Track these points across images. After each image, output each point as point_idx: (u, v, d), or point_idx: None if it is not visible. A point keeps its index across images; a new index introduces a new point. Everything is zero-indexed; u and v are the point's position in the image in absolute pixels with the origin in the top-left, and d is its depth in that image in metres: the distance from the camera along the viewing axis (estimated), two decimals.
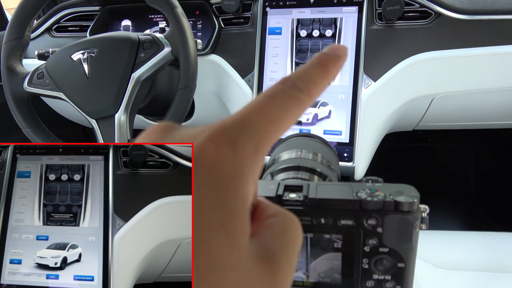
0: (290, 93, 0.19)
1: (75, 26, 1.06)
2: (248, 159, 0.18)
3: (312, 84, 0.20)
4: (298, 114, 0.19)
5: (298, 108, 0.19)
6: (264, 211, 0.21)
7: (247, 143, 0.18)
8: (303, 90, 0.19)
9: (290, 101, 0.19)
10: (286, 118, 0.19)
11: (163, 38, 0.78)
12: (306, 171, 0.39)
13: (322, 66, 0.20)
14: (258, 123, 0.18)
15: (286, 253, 0.19)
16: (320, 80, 0.20)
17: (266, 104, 0.19)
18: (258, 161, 0.18)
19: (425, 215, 0.29)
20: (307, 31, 0.91)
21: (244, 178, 0.17)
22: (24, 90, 0.81)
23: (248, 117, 0.18)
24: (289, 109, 0.19)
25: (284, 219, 0.20)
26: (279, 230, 0.20)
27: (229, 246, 0.16)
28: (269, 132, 0.18)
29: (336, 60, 0.21)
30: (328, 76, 0.21)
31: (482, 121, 1.04)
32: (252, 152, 0.18)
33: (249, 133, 0.18)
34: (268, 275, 0.18)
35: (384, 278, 0.30)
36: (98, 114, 0.76)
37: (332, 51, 0.21)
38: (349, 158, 0.87)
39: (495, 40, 0.81)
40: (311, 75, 0.20)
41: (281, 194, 0.30)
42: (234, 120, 0.18)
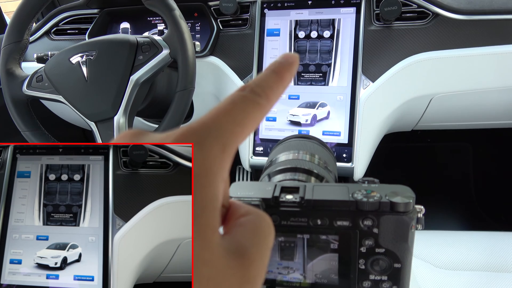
0: (250, 98, 0.21)
1: (74, 29, 1.07)
2: (215, 158, 0.19)
3: (269, 89, 0.21)
4: (259, 117, 0.21)
5: (259, 111, 0.21)
6: (236, 211, 0.22)
7: (214, 144, 0.19)
8: (261, 95, 0.21)
9: (250, 105, 0.20)
10: (249, 121, 0.20)
11: (161, 40, 0.78)
12: (303, 173, 0.39)
13: (276, 73, 0.22)
14: (223, 125, 0.19)
15: (258, 249, 0.20)
16: (276, 85, 0.22)
17: (229, 108, 0.20)
18: (226, 161, 0.19)
19: (420, 216, 0.29)
20: (305, 32, 0.91)
21: (212, 177, 0.18)
22: (23, 93, 0.81)
23: (213, 120, 0.19)
24: (250, 112, 0.20)
25: (256, 217, 0.22)
26: (250, 227, 0.21)
27: (200, 241, 0.17)
28: (234, 133, 0.19)
29: (288, 67, 0.22)
30: (283, 82, 0.22)
31: (481, 121, 1.04)
32: (219, 152, 0.19)
33: (215, 135, 0.19)
34: (241, 269, 0.19)
35: (380, 279, 0.31)
36: (97, 117, 0.76)
37: (284, 59, 0.23)
38: (348, 159, 0.87)
39: (493, 40, 0.81)
40: (267, 82, 0.22)
41: (277, 195, 0.30)
42: (200, 123, 0.19)
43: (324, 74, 0.90)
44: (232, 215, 0.22)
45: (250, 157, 0.93)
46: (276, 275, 0.33)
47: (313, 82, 0.90)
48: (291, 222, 0.30)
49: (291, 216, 0.30)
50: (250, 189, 0.31)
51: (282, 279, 0.33)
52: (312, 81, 0.90)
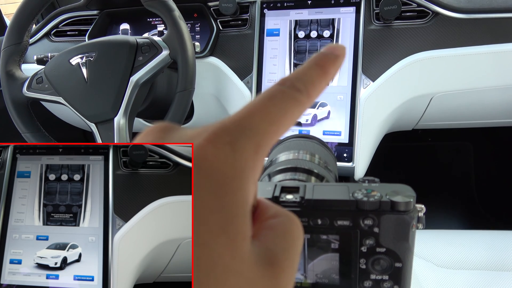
0: (289, 94, 0.19)
1: (73, 31, 1.07)
2: (248, 160, 0.17)
3: (310, 84, 0.20)
4: (297, 115, 0.19)
5: (297, 109, 0.19)
6: (264, 211, 0.21)
7: (247, 144, 0.17)
8: (302, 91, 0.19)
9: (289, 102, 0.19)
10: (286, 119, 0.19)
11: (161, 41, 0.78)
12: (303, 172, 0.39)
13: (320, 67, 0.20)
14: (257, 124, 0.18)
15: (288, 255, 0.19)
16: (319, 80, 0.20)
17: (266, 105, 0.18)
18: (258, 162, 0.18)
19: (421, 215, 0.29)
20: (305, 32, 0.91)
21: (245, 180, 0.17)
22: (23, 95, 0.81)
23: (248, 118, 0.18)
24: (288, 110, 0.19)
25: (285, 220, 0.20)
26: (280, 231, 0.20)
27: (230, 251, 0.16)
28: (269, 133, 0.18)
29: (334, 60, 0.21)
30: (327, 77, 0.20)
31: (482, 120, 1.04)
32: (252, 153, 0.17)
33: (249, 134, 0.18)
34: (271, 278, 0.17)
35: (381, 278, 0.30)
36: (97, 118, 0.76)
37: (330, 51, 0.21)
38: (348, 159, 0.87)
39: (493, 38, 0.81)
40: (309, 76, 0.20)
41: (278, 195, 0.30)
42: (234, 121, 0.18)
43: None
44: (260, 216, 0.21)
45: None
46: None
47: None
48: None
49: None
50: None
51: None
52: None
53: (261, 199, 0.22)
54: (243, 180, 0.17)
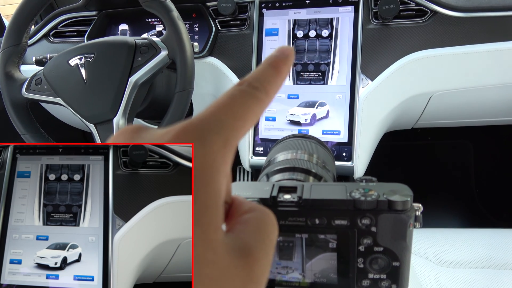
0: (249, 92, 0.20)
1: (72, 32, 1.07)
2: (217, 154, 0.18)
3: (267, 83, 0.21)
4: (259, 111, 0.20)
5: (258, 105, 0.20)
6: (239, 207, 0.22)
7: (216, 139, 0.18)
8: (260, 89, 0.21)
9: (250, 99, 0.20)
10: (249, 115, 0.20)
11: (159, 41, 0.78)
12: (301, 172, 0.39)
13: (273, 67, 0.22)
14: (224, 120, 0.19)
15: (262, 247, 0.20)
16: (274, 79, 0.21)
17: (229, 103, 0.20)
18: (228, 156, 0.19)
19: (418, 214, 0.29)
20: (303, 31, 0.91)
21: (215, 173, 0.18)
22: (22, 96, 0.81)
23: (214, 115, 0.19)
24: (250, 106, 0.20)
25: (259, 214, 0.21)
26: (254, 224, 0.20)
27: (203, 241, 0.17)
28: (235, 128, 0.19)
29: (285, 59, 0.22)
30: (281, 75, 0.22)
31: (481, 118, 1.04)
32: (221, 147, 0.18)
33: (216, 129, 0.18)
34: (245, 268, 0.18)
35: (379, 277, 0.31)
36: (96, 119, 0.77)
37: (280, 52, 0.22)
38: (348, 158, 0.87)
39: (491, 37, 0.81)
40: (264, 76, 0.21)
41: (275, 195, 0.30)
42: (201, 118, 0.19)
43: (323, 73, 0.89)
44: (235, 212, 0.22)
45: (250, 157, 0.93)
46: (275, 275, 0.33)
47: (312, 82, 0.90)
48: (289, 221, 0.30)
49: (289, 216, 0.30)
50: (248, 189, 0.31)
51: (281, 279, 0.33)
52: (311, 81, 0.90)
53: (236, 196, 0.23)
54: (213, 173, 0.18)
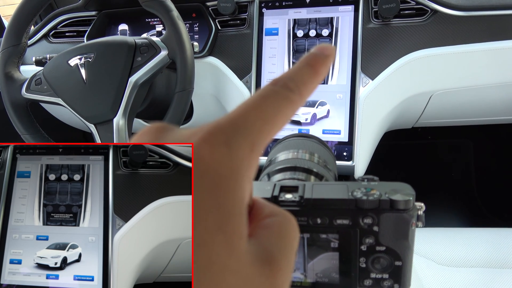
0: (282, 93, 0.19)
1: (72, 32, 1.07)
2: (243, 159, 0.18)
3: (302, 84, 0.20)
4: (290, 114, 0.20)
5: (290, 108, 0.20)
6: (260, 210, 0.21)
7: (242, 143, 0.18)
8: (294, 91, 0.20)
9: (282, 101, 0.19)
10: (279, 118, 0.19)
11: (159, 41, 0.78)
12: (302, 172, 0.39)
13: (311, 67, 0.21)
14: (252, 123, 0.18)
15: (285, 254, 0.19)
16: (310, 80, 0.21)
17: (260, 104, 0.19)
18: (254, 160, 0.18)
19: (421, 213, 0.29)
20: (303, 31, 0.91)
21: (240, 179, 0.17)
22: (22, 97, 0.81)
23: (242, 117, 0.18)
24: (281, 109, 0.19)
25: (282, 219, 0.21)
26: (276, 230, 0.20)
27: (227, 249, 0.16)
28: (264, 131, 0.18)
29: (324, 59, 0.21)
30: (318, 76, 0.21)
31: (482, 117, 1.04)
32: (247, 151, 0.18)
33: (244, 133, 0.18)
34: (268, 276, 0.18)
35: (381, 277, 0.30)
36: (97, 119, 0.76)
37: (320, 51, 0.21)
38: (348, 157, 0.87)
39: (492, 35, 0.81)
40: (301, 76, 0.20)
41: (277, 195, 0.30)
42: (229, 120, 0.18)
43: None
44: (256, 215, 0.21)
45: None
46: None
47: None
48: None
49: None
50: None
51: None
52: None
53: (257, 198, 0.22)
54: (238, 179, 0.17)
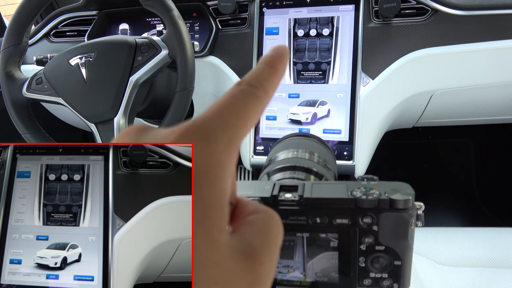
0: (249, 91, 0.21)
1: (73, 31, 1.07)
2: (222, 153, 0.18)
3: (265, 81, 0.21)
4: (260, 109, 0.21)
5: (259, 103, 0.21)
6: (244, 208, 0.22)
7: (220, 137, 0.18)
8: (259, 88, 0.21)
9: (250, 98, 0.20)
10: (251, 113, 0.20)
11: (160, 41, 0.78)
12: (302, 171, 0.39)
13: (270, 66, 0.22)
14: (227, 118, 0.19)
15: (268, 249, 0.20)
16: (272, 77, 0.22)
17: (230, 102, 0.20)
18: (233, 155, 0.19)
19: (420, 212, 0.29)
20: (304, 30, 0.91)
21: (220, 172, 0.18)
22: (23, 96, 0.81)
23: (217, 114, 0.19)
24: (251, 105, 0.20)
25: (265, 216, 0.21)
26: (260, 226, 0.21)
27: (207, 242, 0.17)
28: (239, 126, 0.19)
29: (280, 58, 0.23)
30: (278, 73, 0.22)
31: (482, 117, 1.04)
32: (225, 146, 0.18)
33: (221, 128, 0.18)
34: (250, 270, 0.18)
35: (381, 276, 0.30)
36: (97, 118, 0.76)
37: (275, 52, 0.23)
38: (349, 157, 0.87)
39: (492, 35, 0.81)
40: (262, 75, 0.22)
41: (276, 194, 0.30)
42: (204, 117, 0.19)
43: (324, 72, 0.89)
44: (240, 213, 0.22)
45: (251, 156, 0.93)
46: (276, 274, 0.32)
47: (313, 80, 0.90)
48: (290, 220, 0.30)
49: (290, 215, 0.30)
50: (249, 188, 0.31)
51: (282, 278, 0.33)
52: (312, 79, 0.90)
53: (242, 197, 0.23)
54: (218, 172, 0.18)
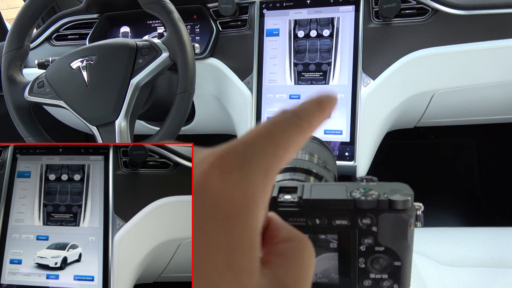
0: (292, 119, 0.20)
1: (74, 34, 1.07)
2: (258, 185, 0.17)
3: (310, 114, 0.21)
4: (300, 141, 0.20)
5: (300, 134, 0.20)
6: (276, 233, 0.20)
7: (257, 168, 0.17)
8: (303, 118, 0.20)
9: (292, 127, 0.19)
10: (290, 143, 0.19)
11: (160, 43, 0.78)
12: (302, 172, 0.39)
13: (318, 103, 0.21)
14: (266, 147, 0.18)
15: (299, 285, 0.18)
16: (318, 113, 0.21)
17: (271, 130, 0.19)
18: (268, 186, 0.17)
19: (419, 213, 0.29)
20: (304, 31, 0.91)
21: (255, 207, 0.16)
22: (25, 100, 0.81)
23: (256, 142, 0.18)
24: (292, 135, 0.19)
25: (298, 246, 0.20)
26: (292, 259, 0.19)
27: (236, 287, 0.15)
28: (277, 156, 0.18)
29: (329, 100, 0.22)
30: (324, 112, 0.21)
31: (484, 116, 1.04)
32: (262, 177, 0.17)
33: (259, 157, 0.17)
34: None
35: (381, 277, 0.30)
36: (99, 121, 0.77)
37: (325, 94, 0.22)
38: (350, 157, 0.87)
39: (493, 34, 0.81)
40: (309, 108, 0.21)
41: (276, 195, 0.30)
42: (242, 144, 0.17)
43: (325, 73, 0.89)
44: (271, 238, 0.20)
45: None
46: None
47: (313, 81, 0.90)
48: (289, 222, 0.30)
49: (289, 216, 0.30)
50: None
51: None
52: (312, 80, 0.90)
53: (273, 216, 0.22)
54: (253, 207, 0.16)
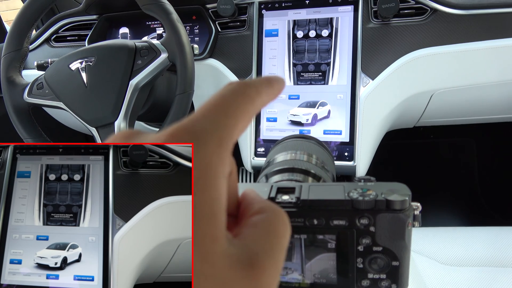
0: (239, 89, 0.20)
1: (73, 36, 1.07)
2: (212, 155, 0.17)
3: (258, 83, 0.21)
4: (251, 109, 0.20)
5: (249, 102, 0.20)
6: (249, 207, 0.21)
7: (209, 139, 0.17)
8: (250, 86, 0.20)
9: (241, 96, 0.20)
10: (241, 113, 0.19)
11: (159, 44, 0.78)
12: (300, 173, 0.39)
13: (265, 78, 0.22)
14: (215, 119, 0.18)
15: (271, 254, 0.18)
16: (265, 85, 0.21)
17: (219, 102, 0.19)
18: (224, 155, 0.18)
19: (417, 213, 0.29)
20: (303, 32, 0.91)
21: (212, 176, 0.17)
22: (24, 101, 0.82)
23: (205, 115, 0.18)
24: (240, 104, 0.19)
25: (270, 216, 0.20)
26: (264, 229, 0.19)
27: (199, 254, 0.16)
28: (228, 126, 0.18)
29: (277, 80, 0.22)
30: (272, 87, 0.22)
31: (483, 115, 1.04)
32: (215, 147, 0.17)
33: (209, 129, 0.18)
34: (251, 279, 0.17)
35: (379, 277, 0.30)
36: (98, 122, 0.77)
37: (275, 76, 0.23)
38: (350, 157, 0.87)
39: (492, 33, 0.81)
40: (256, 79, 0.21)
41: (273, 196, 0.30)
42: (192, 119, 0.18)
43: (324, 73, 0.89)
44: (246, 211, 0.21)
45: (251, 158, 0.93)
46: None
47: (312, 82, 0.90)
48: None
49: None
50: None
51: (280, 280, 0.33)
52: (311, 81, 0.90)
53: (248, 193, 0.22)
54: (210, 177, 0.17)
